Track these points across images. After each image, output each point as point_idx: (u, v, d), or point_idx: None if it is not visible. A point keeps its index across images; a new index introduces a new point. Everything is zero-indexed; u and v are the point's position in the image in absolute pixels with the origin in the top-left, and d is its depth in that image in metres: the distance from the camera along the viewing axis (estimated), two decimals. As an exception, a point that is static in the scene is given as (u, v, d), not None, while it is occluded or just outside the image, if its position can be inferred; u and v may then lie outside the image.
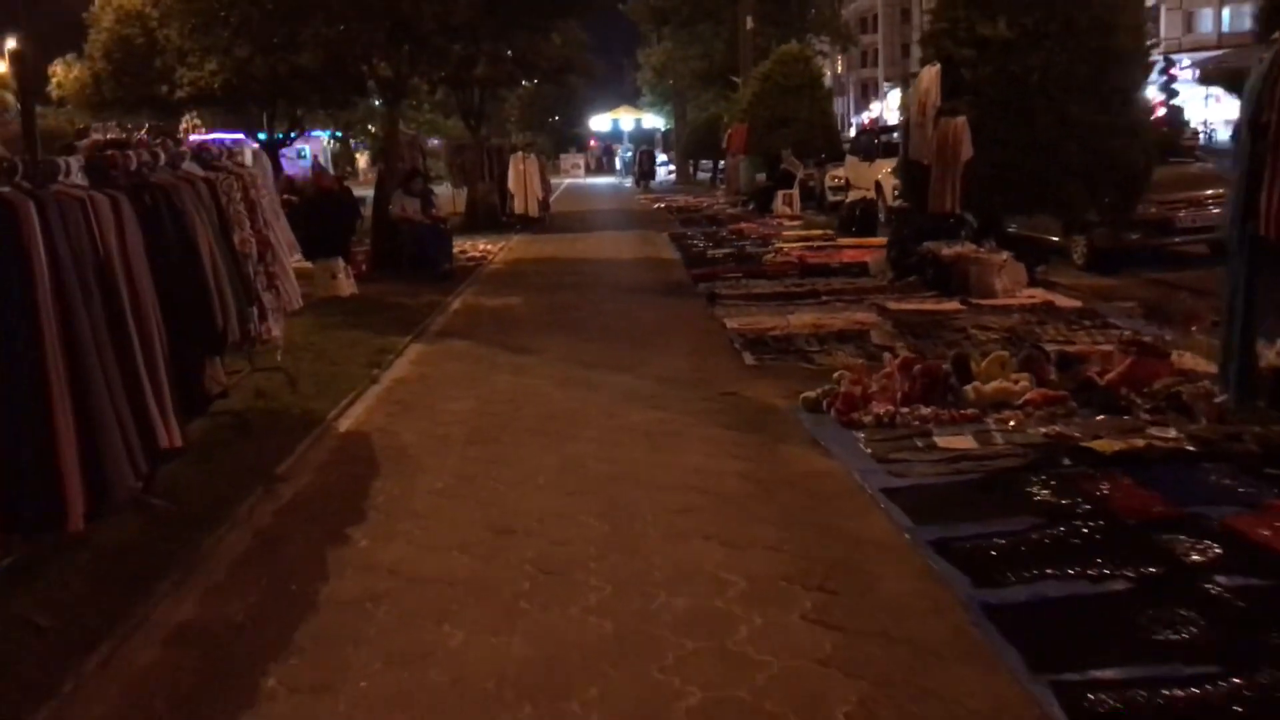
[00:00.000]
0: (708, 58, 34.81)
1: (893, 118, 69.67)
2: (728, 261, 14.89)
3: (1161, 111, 32.66)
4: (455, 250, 17.37)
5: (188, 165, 5.99)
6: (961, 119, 11.07)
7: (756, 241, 17.58)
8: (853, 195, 19.77)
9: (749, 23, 30.35)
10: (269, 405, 6.93)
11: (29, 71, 21.11)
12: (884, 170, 20.71)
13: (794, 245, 16.35)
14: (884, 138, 23.40)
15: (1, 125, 34.20)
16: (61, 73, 24.48)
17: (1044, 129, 10.78)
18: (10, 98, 37.52)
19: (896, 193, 20.01)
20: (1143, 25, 11.41)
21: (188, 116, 35.62)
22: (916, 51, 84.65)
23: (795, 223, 20.79)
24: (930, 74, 11.47)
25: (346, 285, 11.98)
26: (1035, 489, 4.93)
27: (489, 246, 17.93)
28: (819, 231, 18.30)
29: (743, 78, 30.18)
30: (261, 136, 25.22)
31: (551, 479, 5.39)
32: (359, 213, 13.25)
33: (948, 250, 11.14)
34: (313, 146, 46.37)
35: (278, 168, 24.76)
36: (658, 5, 35.32)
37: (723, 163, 38.01)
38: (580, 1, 14.07)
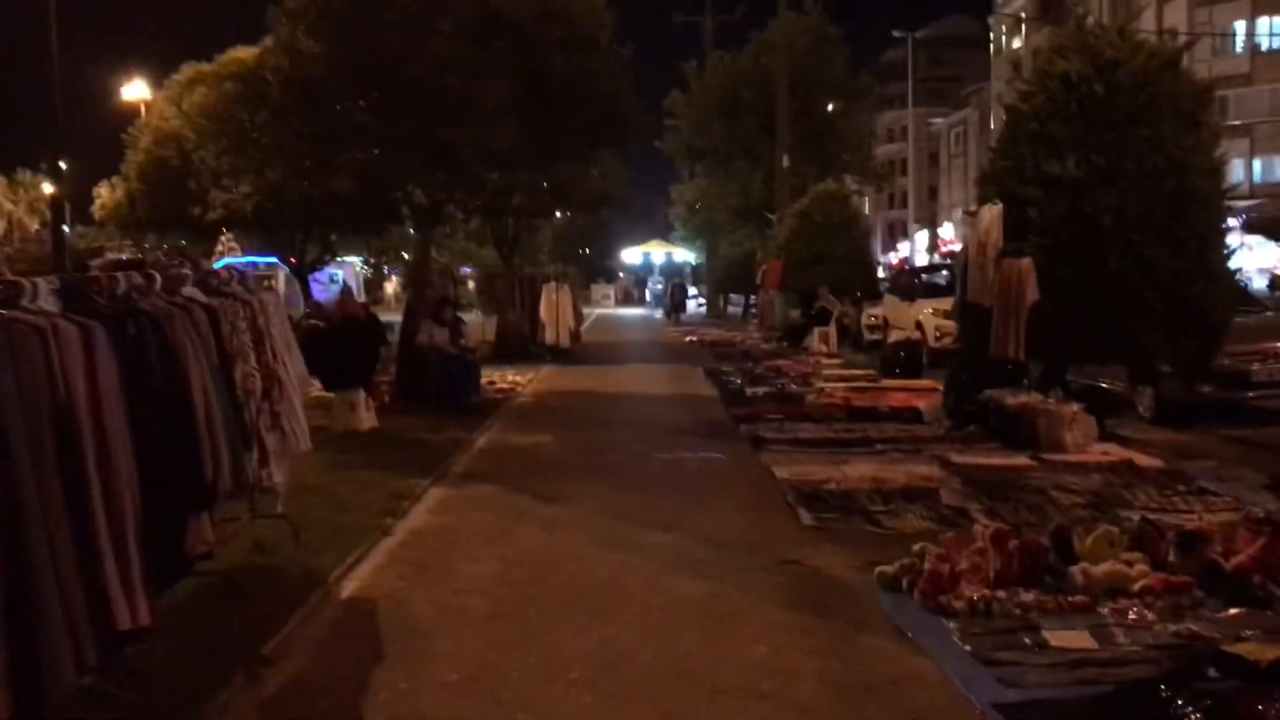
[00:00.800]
0: (743, 194, 34.77)
1: (921, 258, 69.91)
2: (768, 401, 14.13)
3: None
4: (484, 381, 16.73)
5: (188, 290, 5.31)
6: (1027, 260, 10.39)
7: (796, 380, 16.84)
8: (894, 336, 19.11)
9: (785, 161, 30.28)
10: (266, 561, 6.12)
11: (63, 190, 21.06)
12: (925, 310, 20.12)
13: (836, 386, 15.60)
14: (924, 277, 22.91)
15: (36, 243, 34.42)
16: (105, 194, 24.53)
17: (1118, 273, 10.08)
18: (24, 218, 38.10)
19: (938, 334, 19.41)
20: (1219, 168, 10.79)
21: (224, 238, 35.50)
22: (946, 195, 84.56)
23: (833, 361, 20.07)
24: (992, 213, 10.84)
25: (366, 418, 11.27)
26: (1185, 709, 4.01)
27: (518, 378, 17.26)
28: (861, 372, 17.56)
29: (778, 214, 29.98)
30: (292, 260, 25.08)
31: (587, 672, 4.50)
32: (384, 341, 12.64)
33: (1012, 400, 10.33)
34: (345, 272, 46.54)
35: (306, 292, 24.51)
36: (694, 144, 35.48)
37: (754, 298, 37.72)
38: (621, 133, 13.64)
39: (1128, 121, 10.24)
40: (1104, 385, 12.31)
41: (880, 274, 36.68)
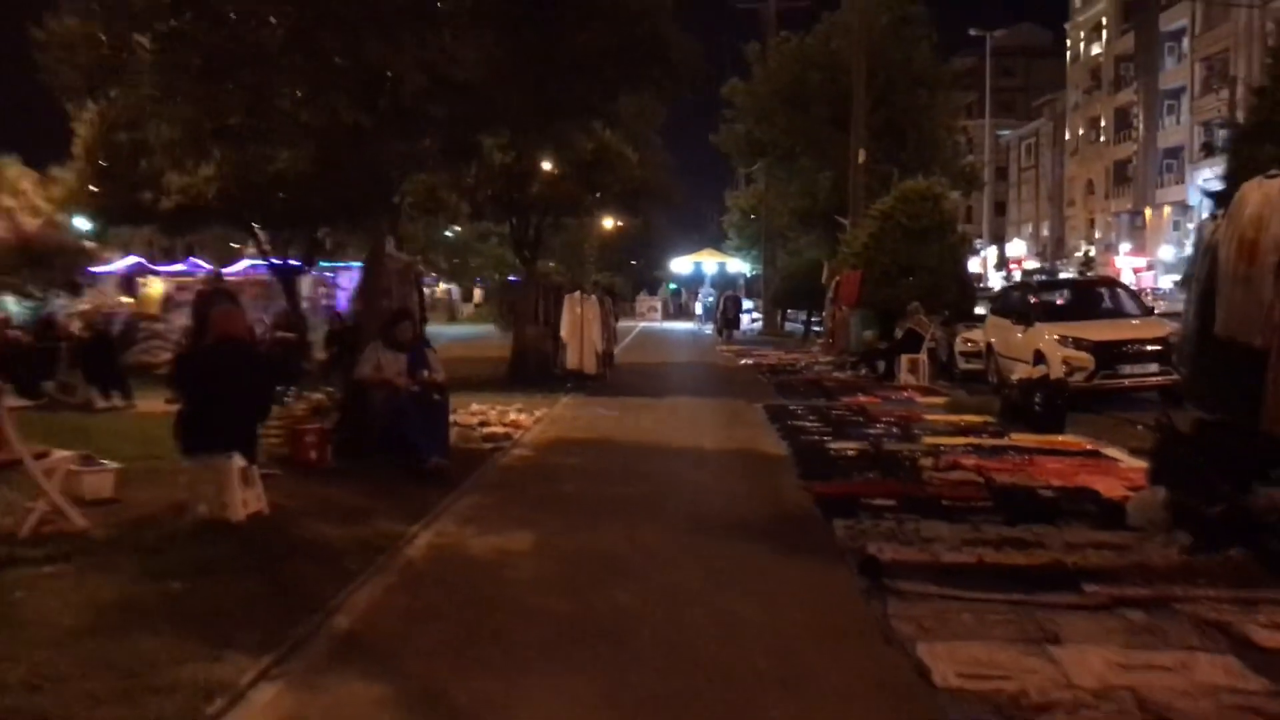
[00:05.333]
0: (809, 195, 30.38)
1: (994, 279, 64.44)
2: (864, 466, 9.84)
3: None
4: (475, 420, 12.66)
5: None
6: (1343, 270, 6.06)
7: (891, 428, 12.54)
8: (1018, 370, 14.67)
9: (861, 156, 25.94)
10: None
11: None
12: (1047, 337, 15.71)
13: (953, 442, 11.29)
14: (1042, 296, 18.38)
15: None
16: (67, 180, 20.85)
17: None
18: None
19: (1067, 368, 14.98)
20: None
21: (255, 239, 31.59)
22: (1015, 211, 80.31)
23: (933, 401, 15.72)
24: (1266, 192, 6.51)
25: (244, 501, 7.14)
26: None
27: (522, 416, 13.12)
28: (977, 419, 13.18)
29: (851, 218, 25.64)
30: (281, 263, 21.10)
31: None
32: (289, 376, 8.56)
33: (1318, 510, 5.96)
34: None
35: (291, 297, 20.55)
36: (754, 137, 31.14)
37: (818, 314, 33.33)
38: (658, 69, 9.11)
39: None
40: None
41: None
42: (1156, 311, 19.37)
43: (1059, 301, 17.88)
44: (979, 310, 22.94)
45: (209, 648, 4.65)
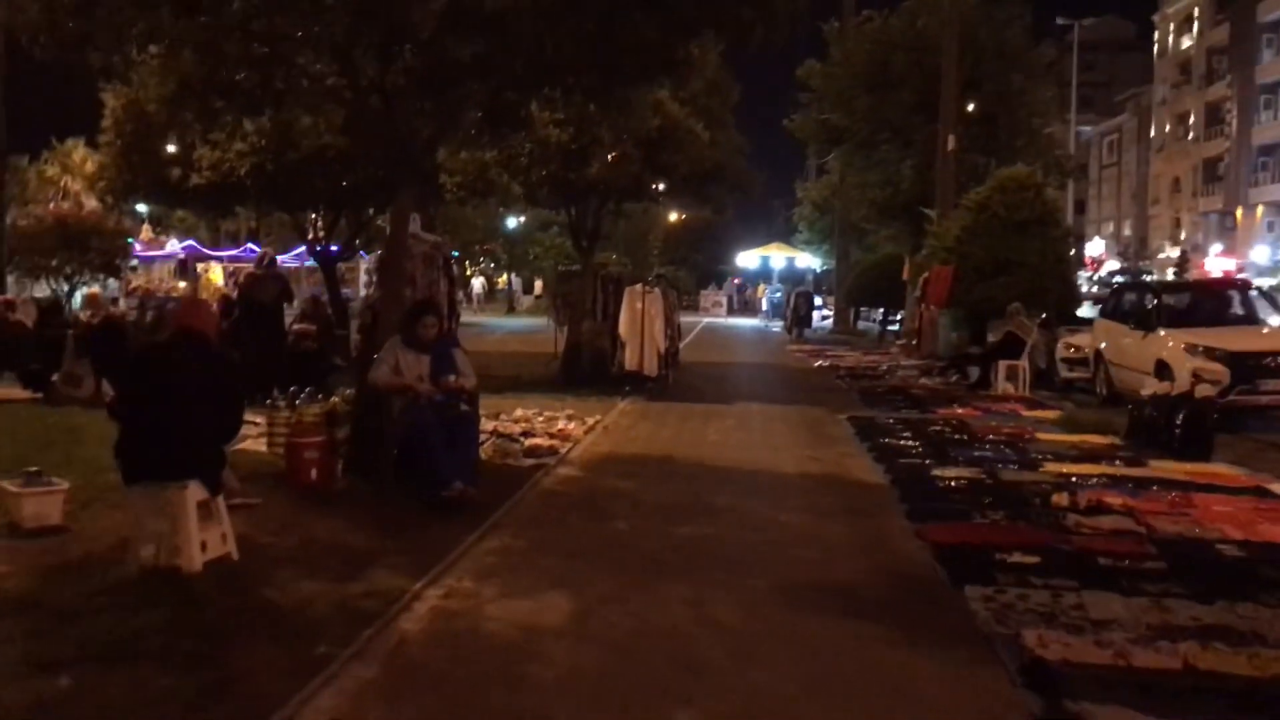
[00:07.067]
0: (891, 185, 28.28)
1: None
2: (983, 502, 8.01)
3: None
4: (518, 429, 11.09)
5: None
6: None
7: (1002, 449, 10.71)
8: (1147, 385, 12.67)
9: (951, 142, 23.91)
10: None
11: None
12: (1171, 345, 13.72)
13: (1082, 469, 9.44)
14: (1164, 298, 16.23)
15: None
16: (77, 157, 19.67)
17: None
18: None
19: (1199, 381, 12.94)
20: None
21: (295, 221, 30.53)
22: (1095, 209, 77.41)
23: (1039, 413, 13.82)
24: None
25: (203, 544, 5.56)
26: None
27: (572, 425, 11.50)
28: (1101, 440, 11.29)
29: (939, 209, 23.63)
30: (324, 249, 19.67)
31: None
32: (315, 375, 7.01)
33: None
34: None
35: (333, 285, 19.12)
36: (833, 123, 29.09)
37: (897, 313, 31.31)
38: (738, 8, 7.31)
39: None
40: None
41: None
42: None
43: (1182, 305, 15.79)
44: (1082, 312, 20.91)
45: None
